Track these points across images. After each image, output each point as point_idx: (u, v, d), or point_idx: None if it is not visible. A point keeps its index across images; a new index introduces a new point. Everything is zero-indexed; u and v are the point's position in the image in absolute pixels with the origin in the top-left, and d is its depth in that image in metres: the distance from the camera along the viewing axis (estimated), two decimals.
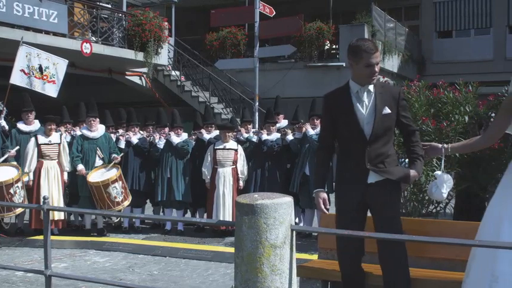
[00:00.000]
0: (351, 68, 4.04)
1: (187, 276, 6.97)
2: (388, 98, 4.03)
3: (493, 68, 21.85)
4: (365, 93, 4.01)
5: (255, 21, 14.42)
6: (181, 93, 19.72)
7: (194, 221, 8.82)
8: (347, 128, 4.05)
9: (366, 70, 3.93)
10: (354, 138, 4.03)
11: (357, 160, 4.01)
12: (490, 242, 3.37)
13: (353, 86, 4.05)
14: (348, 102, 4.02)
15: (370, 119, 3.99)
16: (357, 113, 4.00)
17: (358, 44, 3.97)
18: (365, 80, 3.99)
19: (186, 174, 9.75)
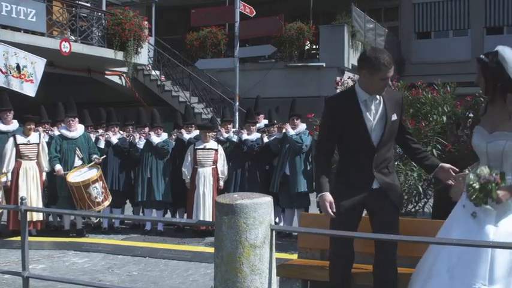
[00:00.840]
0: (362, 77, 3.99)
1: (167, 276, 6.94)
2: (393, 104, 4.06)
3: (470, 68, 21.92)
4: (373, 101, 4.00)
5: (235, 21, 14.41)
6: (162, 93, 19.64)
7: (174, 221, 8.80)
8: (354, 136, 4.03)
9: (380, 83, 3.91)
10: (361, 145, 4.03)
11: (363, 166, 4.01)
12: (472, 241, 3.43)
13: (361, 94, 4.00)
14: (356, 110, 3.98)
15: (378, 126, 4.01)
16: (365, 121, 3.98)
17: (377, 56, 3.90)
18: (377, 91, 3.97)
19: (166, 174, 9.72)
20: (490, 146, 3.62)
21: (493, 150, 3.60)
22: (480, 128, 3.73)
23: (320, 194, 4.01)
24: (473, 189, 3.44)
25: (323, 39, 18.77)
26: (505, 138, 3.56)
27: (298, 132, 9.11)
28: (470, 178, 3.50)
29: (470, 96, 7.75)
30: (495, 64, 3.58)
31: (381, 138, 4.00)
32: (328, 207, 3.94)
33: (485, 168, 3.51)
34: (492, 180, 3.43)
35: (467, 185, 3.50)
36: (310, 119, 8.10)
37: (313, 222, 4.97)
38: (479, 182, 3.44)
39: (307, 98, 15.70)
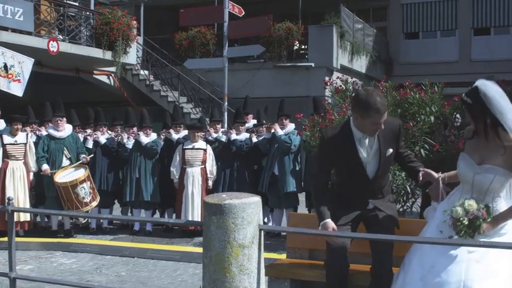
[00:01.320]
0: (354, 118, 4.04)
1: (155, 276, 6.93)
2: (389, 135, 4.10)
3: (458, 69, 22.25)
4: (367, 139, 4.07)
5: (224, 21, 14.39)
6: (150, 93, 19.59)
7: (162, 221, 8.77)
8: (349, 169, 4.15)
9: (372, 127, 3.97)
10: (356, 178, 4.14)
11: (358, 194, 4.15)
12: (460, 241, 3.53)
13: (356, 132, 4.07)
14: (351, 146, 4.06)
15: (373, 161, 4.10)
16: (360, 157, 4.08)
17: (369, 101, 3.87)
18: (369, 133, 4.03)
19: (155, 174, 9.70)
20: (478, 177, 3.64)
21: (480, 182, 3.64)
22: (467, 156, 3.74)
23: (322, 222, 4.06)
24: (462, 225, 3.50)
25: (312, 39, 18.80)
26: (494, 173, 3.59)
27: (286, 132, 9.12)
28: (458, 213, 3.52)
29: (458, 97, 7.77)
30: (478, 103, 3.60)
31: (376, 171, 4.12)
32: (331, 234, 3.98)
33: (473, 203, 3.54)
34: (480, 216, 3.50)
35: (455, 219, 3.54)
36: (299, 119, 8.11)
37: (301, 222, 4.98)
38: (467, 218, 3.49)
39: (296, 98, 15.72)
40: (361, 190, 4.15)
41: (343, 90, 8.08)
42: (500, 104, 3.55)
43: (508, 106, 3.58)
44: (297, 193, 9.26)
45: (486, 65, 21.63)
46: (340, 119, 7.39)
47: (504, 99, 3.59)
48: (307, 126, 7.78)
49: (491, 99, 3.56)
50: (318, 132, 7.56)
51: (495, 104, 3.55)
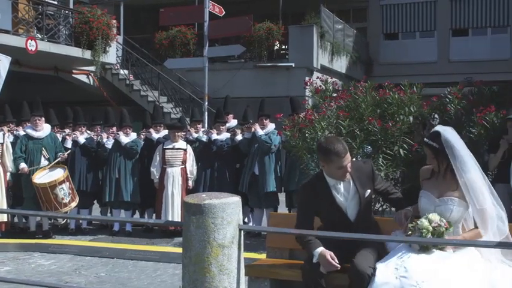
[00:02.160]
0: (322, 165, 4.22)
1: (135, 277, 6.90)
2: (364, 178, 4.27)
3: (437, 69, 22.46)
4: (342, 184, 4.22)
5: (205, 20, 14.34)
6: (130, 93, 19.47)
7: (142, 221, 8.75)
8: (331, 215, 4.26)
9: (338, 171, 4.12)
10: (339, 222, 4.23)
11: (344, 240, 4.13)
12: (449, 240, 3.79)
13: (329, 180, 4.23)
14: (328, 194, 4.22)
15: (352, 204, 4.24)
16: (338, 203, 4.23)
17: (328, 147, 4.08)
18: (339, 178, 4.19)
19: (135, 175, 9.66)
20: (438, 209, 4.00)
21: (441, 212, 3.96)
22: (426, 192, 4.11)
23: (319, 252, 4.04)
24: (427, 231, 3.85)
25: (292, 39, 18.83)
26: (452, 203, 3.98)
27: (267, 132, 9.13)
28: (423, 223, 3.88)
29: (436, 97, 7.87)
30: (443, 148, 4.01)
31: (357, 213, 4.25)
32: (331, 260, 3.99)
33: (436, 216, 3.91)
34: (442, 225, 3.88)
35: (420, 227, 3.87)
36: (279, 119, 8.12)
37: (281, 222, 4.99)
38: (432, 226, 3.86)
39: (276, 98, 15.73)
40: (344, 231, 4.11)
41: (323, 91, 8.12)
42: (459, 152, 4.00)
43: (464, 152, 4.02)
44: (277, 193, 9.28)
45: (464, 66, 21.88)
46: (320, 119, 7.42)
47: (461, 146, 4.04)
48: (287, 126, 7.79)
49: (452, 145, 4.00)
50: (297, 132, 7.58)
51: (455, 149, 3.99)
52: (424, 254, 3.82)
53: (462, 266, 3.73)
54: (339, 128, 7.39)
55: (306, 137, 7.51)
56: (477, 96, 7.88)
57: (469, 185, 3.97)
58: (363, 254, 4.04)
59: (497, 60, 22.23)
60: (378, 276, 3.80)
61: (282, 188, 9.30)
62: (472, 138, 7.18)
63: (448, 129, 4.12)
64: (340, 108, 7.65)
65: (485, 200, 3.97)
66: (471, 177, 3.98)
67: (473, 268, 3.74)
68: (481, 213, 3.97)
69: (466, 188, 3.96)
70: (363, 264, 3.94)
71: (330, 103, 7.84)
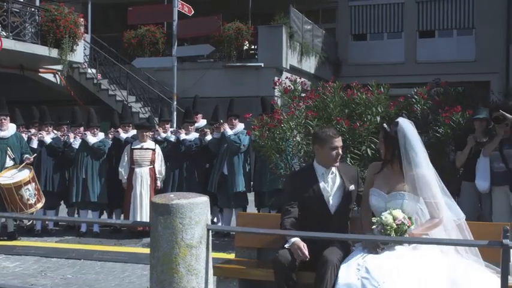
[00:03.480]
0: (316, 152, 4.53)
1: (102, 279, 6.82)
2: (350, 175, 4.56)
3: (404, 70, 22.74)
4: (330, 174, 4.47)
5: (173, 19, 14.27)
6: (98, 92, 19.25)
7: (109, 222, 8.67)
8: (313, 204, 4.42)
9: (332, 152, 4.41)
10: (319, 213, 4.41)
11: (320, 230, 4.20)
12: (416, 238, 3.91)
13: (318, 168, 4.51)
14: (314, 182, 4.45)
15: (336, 196, 4.45)
16: (323, 192, 4.44)
17: (323, 130, 4.55)
18: (331, 162, 4.44)
19: (102, 175, 9.57)
20: (390, 204, 4.14)
21: (392, 207, 4.09)
22: (376, 189, 4.26)
23: (292, 240, 4.18)
24: (391, 227, 3.97)
25: (261, 39, 18.85)
26: (402, 198, 4.12)
27: (236, 132, 9.13)
28: (387, 219, 3.99)
29: (403, 97, 7.98)
30: (394, 134, 4.18)
31: (338, 206, 4.43)
32: (303, 249, 4.13)
33: (399, 212, 4.03)
34: (406, 223, 4.00)
35: (384, 223, 3.97)
36: (248, 118, 8.13)
37: (250, 221, 5.00)
38: (395, 223, 3.98)
39: (246, 98, 15.73)
40: (323, 227, 4.22)
41: (291, 91, 8.15)
42: (410, 143, 4.14)
43: (417, 145, 4.17)
44: (246, 193, 9.29)
45: (431, 67, 22.19)
46: (288, 119, 7.45)
47: (415, 139, 4.18)
48: (256, 126, 7.80)
49: (405, 135, 4.15)
50: (266, 132, 7.60)
51: (407, 139, 4.14)
52: (384, 253, 3.90)
53: (422, 263, 3.80)
54: (307, 128, 7.43)
55: (274, 137, 7.53)
56: (443, 97, 8.01)
57: (421, 178, 4.11)
58: (332, 249, 4.14)
59: (462, 61, 22.64)
60: (340, 277, 3.86)
61: (251, 187, 9.31)
62: (439, 138, 7.31)
63: (408, 121, 4.28)
64: (308, 108, 7.70)
65: (436, 193, 4.12)
66: (422, 171, 4.12)
67: (434, 265, 3.82)
68: (434, 206, 4.11)
69: (417, 180, 4.10)
70: (331, 255, 4.05)
71: (299, 103, 7.88)
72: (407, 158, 4.13)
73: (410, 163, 4.12)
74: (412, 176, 4.12)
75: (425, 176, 4.13)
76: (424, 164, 4.16)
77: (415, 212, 4.15)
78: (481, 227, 4.77)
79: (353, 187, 4.50)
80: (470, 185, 6.85)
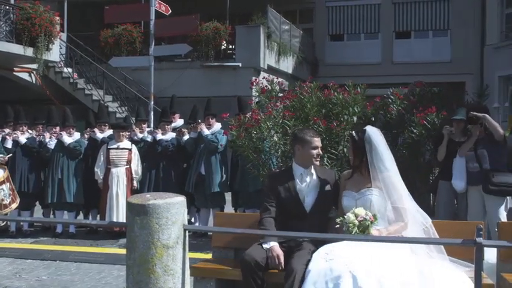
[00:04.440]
0: (297, 152, 4.64)
1: (78, 280, 6.76)
2: (327, 176, 4.67)
3: (380, 71, 22.94)
4: (308, 175, 4.60)
5: (151, 19, 14.20)
6: (74, 91, 19.07)
7: (85, 223, 8.58)
8: (288, 203, 4.54)
9: (312, 152, 4.56)
10: (295, 212, 4.52)
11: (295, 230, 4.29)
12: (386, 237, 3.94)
13: (297, 169, 4.64)
14: (291, 181, 4.58)
15: (311, 195, 4.56)
16: (298, 191, 4.55)
17: (303, 131, 4.76)
18: (310, 161, 4.59)
19: (78, 175, 9.48)
20: (360, 201, 4.32)
21: (362, 204, 4.28)
22: (347, 191, 4.45)
23: (271, 245, 4.32)
24: (353, 225, 4.10)
25: (239, 39, 18.85)
26: (371, 193, 4.31)
27: (213, 132, 9.12)
28: (349, 218, 4.13)
29: (379, 97, 8.05)
30: (361, 141, 4.39)
31: (313, 205, 4.53)
32: (280, 259, 4.28)
33: (362, 210, 4.18)
34: (368, 219, 4.13)
35: (347, 222, 4.10)
36: (225, 118, 8.12)
37: (227, 221, 5.00)
38: (357, 220, 4.11)
39: (223, 98, 15.72)
40: (298, 227, 4.34)
41: (269, 91, 8.16)
42: (377, 149, 4.33)
43: (384, 152, 4.36)
44: (223, 193, 9.27)
45: (407, 67, 22.44)
46: (266, 119, 7.46)
47: (382, 146, 4.37)
48: (234, 125, 7.80)
49: (372, 142, 4.35)
50: (244, 131, 7.60)
51: (374, 146, 4.34)
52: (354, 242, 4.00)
53: (392, 253, 3.89)
54: (284, 128, 7.45)
55: (252, 137, 7.54)
56: (418, 97, 8.10)
57: (388, 181, 4.30)
58: (300, 253, 4.19)
59: (438, 62, 22.93)
60: (311, 264, 3.93)
61: (229, 187, 9.30)
62: (414, 138, 7.38)
63: (375, 129, 4.49)
64: (286, 108, 7.72)
65: (402, 196, 4.31)
66: (390, 175, 4.32)
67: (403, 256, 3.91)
68: (400, 211, 4.26)
69: (384, 183, 4.29)
70: (298, 265, 4.07)
71: (276, 103, 7.89)
72: (374, 164, 4.34)
73: (377, 169, 4.33)
74: (380, 179, 4.31)
75: (392, 178, 4.32)
76: (392, 169, 4.36)
77: (385, 207, 4.29)
78: (456, 226, 4.84)
79: (329, 187, 4.61)
80: (447, 184, 6.93)
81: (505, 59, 20.63)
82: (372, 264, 3.74)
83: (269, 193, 4.65)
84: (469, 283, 3.78)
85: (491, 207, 6.40)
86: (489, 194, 6.38)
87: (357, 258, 3.78)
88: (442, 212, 7.01)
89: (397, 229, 4.23)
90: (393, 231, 4.21)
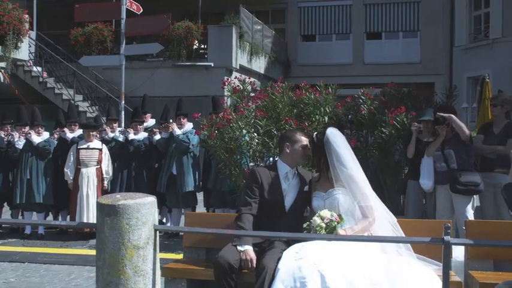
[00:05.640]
0: (285, 150, 4.69)
1: (47, 282, 6.67)
2: (306, 177, 4.75)
3: (352, 71, 23.15)
4: (292, 174, 4.69)
5: (122, 17, 14.08)
6: (44, 90, 18.78)
7: (54, 224, 8.47)
8: (270, 202, 4.58)
9: (302, 150, 4.66)
10: (275, 209, 4.58)
11: (273, 228, 4.30)
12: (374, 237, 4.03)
13: (282, 167, 4.71)
14: (275, 178, 4.65)
15: (291, 193, 4.64)
16: (282, 189, 4.63)
17: (293, 131, 4.97)
18: (299, 160, 4.73)
19: (48, 175, 9.36)
20: (328, 201, 4.42)
21: (330, 203, 4.39)
22: (316, 192, 4.56)
23: (245, 248, 4.35)
24: (320, 228, 4.19)
25: (211, 39, 18.81)
26: (338, 192, 4.40)
27: (184, 132, 9.08)
28: (316, 221, 4.22)
29: (350, 98, 8.12)
30: (321, 143, 4.50)
31: (292, 204, 4.61)
32: (253, 263, 4.31)
33: (327, 212, 4.27)
34: (334, 220, 4.22)
35: (314, 226, 4.18)
36: (197, 118, 8.10)
37: (198, 221, 4.99)
38: (323, 222, 4.20)
39: (195, 98, 15.70)
40: (276, 224, 4.38)
41: (240, 90, 8.17)
42: (337, 151, 4.44)
43: (345, 152, 4.46)
44: (195, 192, 9.25)
45: (377, 68, 22.69)
46: (237, 119, 7.46)
47: (343, 147, 4.48)
48: (205, 125, 7.79)
49: (331, 144, 4.45)
50: (215, 131, 7.59)
51: (333, 147, 4.43)
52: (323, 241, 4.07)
53: (361, 252, 3.95)
54: (256, 128, 7.46)
55: (224, 137, 7.53)
56: (389, 98, 8.19)
57: (350, 181, 4.39)
58: (272, 252, 4.24)
59: (408, 63, 23.23)
60: (280, 262, 3.97)
61: (200, 187, 9.27)
62: (384, 138, 7.46)
63: (335, 131, 4.59)
64: (257, 108, 7.73)
65: (366, 193, 4.40)
66: (351, 174, 4.41)
67: (372, 255, 3.97)
68: (365, 209, 4.35)
69: (347, 183, 4.39)
70: (270, 261, 4.12)
71: (248, 103, 7.90)
72: (335, 165, 4.43)
73: (337, 169, 4.42)
74: (342, 179, 4.40)
75: (354, 177, 4.40)
76: (353, 169, 4.45)
77: (353, 205, 4.37)
78: (424, 224, 4.92)
79: (307, 188, 4.69)
80: (415, 183, 7.02)
81: (473, 60, 21.00)
82: (341, 264, 3.78)
83: (254, 188, 4.64)
84: (437, 281, 3.84)
85: (459, 206, 6.50)
86: (456, 194, 6.48)
87: (326, 258, 3.82)
88: (411, 210, 7.11)
89: (363, 227, 4.30)
90: (360, 230, 4.28)
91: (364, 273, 3.75)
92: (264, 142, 7.34)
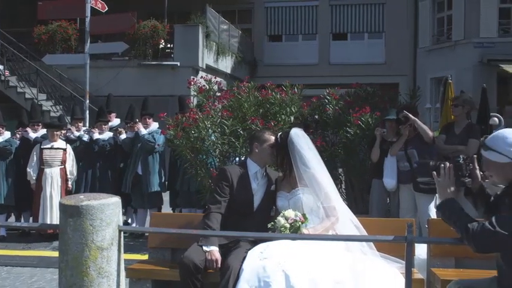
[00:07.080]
0: (255, 150, 4.77)
1: (9, 285, 6.55)
2: (273, 178, 4.80)
3: (317, 71, 23.32)
4: (261, 174, 4.75)
5: (86, 16, 13.90)
6: (6, 89, 18.41)
7: (15, 225, 8.31)
8: (239, 201, 4.62)
9: (270, 149, 4.71)
10: (242, 210, 4.62)
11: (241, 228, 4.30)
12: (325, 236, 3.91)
13: (252, 166, 4.76)
14: (244, 177, 4.69)
15: (259, 193, 4.70)
16: (251, 188, 4.68)
17: (262, 131, 5.12)
18: (268, 159, 4.76)
19: (9, 176, 9.19)
20: (292, 201, 4.49)
21: (294, 203, 4.45)
22: (280, 192, 4.63)
23: (210, 249, 4.37)
24: (285, 228, 4.23)
25: (177, 38, 18.71)
26: (302, 192, 4.46)
27: (150, 132, 9.02)
28: (280, 221, 4.26)
29: (316, 98, 8.17)
30: (284, 144, 4.57)
31: (260, 203, 4.67)
32: (218, 263, 4.33)
33: (291, 212, 4.32)
34: (298, 220, 4.27)
35: (279, 226, 4.22)
36: (163, 118, 8.05)
37: (163, 221, 4.97)
38: (288, 222, 4.24)
39: (161, 97, 15.59)
40: (244, 224, 4.41)
41: (206, 90, 8.15)
42: (300, 151, 4.50)
43: (308, 153, 4.53)
44: (161, 192, 9.19)
45: (343, 69, 22.91)
46: (203, 119, 7.44)
47: (306, 148, 4.55)
48: (171, 125, 7.74)
49: (294, 144, 4.52)
50: (181, 131, 7.56)
51: (295, 148, 4.51)
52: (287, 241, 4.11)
53: (326, 251, 4.00)
54: (222, 128, 7.45)
55: (190, 136, 7.50)
56: (354, 98, 8.27)
57: (313, 180, 4.45)
58: (236, 252, 4.27)
59: (373, 63, 23.53)
60: (245, 262, 4.00)
61: (166, 187, 9.22)
62: (349, 138, 7.54)
63: (299, 132, 4.67)
64: (224, 108, 7.72)
65: (329, 192, 4.47)
66: (314, 174, 4.47)
67: (337, 253, 4.03)
68: (327, 209, 4.42)
69: (310, 182, 4.45)
70: (234, 261, 4.14)
71: (214, 103, 7.89)
72: (298, 165, 4.49)
73: (300, 169, 4.48)
74: (305, 179, 4.46)
75: (316, 176, 4.47)
76: (316, 168, 4.51)
77: (317, 204, 4.43)
78: (388, 223, 4.99)
79: (273, 187, 4.75)
80: (379, 182, 7.11)
81: (436, 62, 21.40)
82: (305, 263, 3.81)
83: (224, 186, 4.66)
84: (400, 278, 3.90)
85: (422, 205, 6.61)
86: (419, 192, 6.58)
87: (290, 257, 3.85)
88: (375, 209, 7.20)
89: (327, 226, 4.36)
90: (323, 229, 4.33)
91: (329, 272, 3.79)
92: (230, 142, 7.33)
